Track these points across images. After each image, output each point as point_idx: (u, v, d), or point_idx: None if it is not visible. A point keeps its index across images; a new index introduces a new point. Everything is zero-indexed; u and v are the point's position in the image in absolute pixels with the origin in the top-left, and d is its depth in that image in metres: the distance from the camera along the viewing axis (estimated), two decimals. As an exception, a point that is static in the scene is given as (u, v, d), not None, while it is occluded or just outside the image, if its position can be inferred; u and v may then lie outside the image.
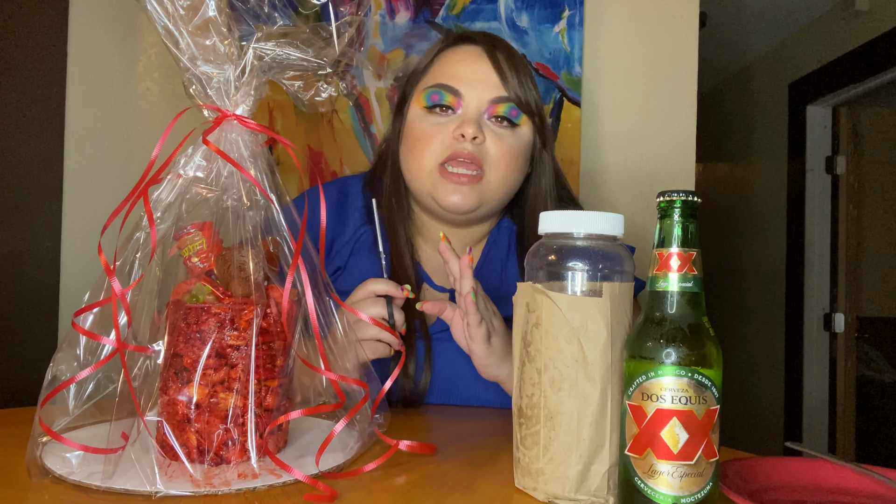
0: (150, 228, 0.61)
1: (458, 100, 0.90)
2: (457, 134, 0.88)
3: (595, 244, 0.58)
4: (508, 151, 0.91)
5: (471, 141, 0.88)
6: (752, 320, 3.36)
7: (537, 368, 0.57)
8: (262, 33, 0.65)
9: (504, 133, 0.91)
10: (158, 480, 0.55)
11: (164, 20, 0.61)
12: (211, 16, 0.62)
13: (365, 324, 0.78)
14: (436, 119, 0.91)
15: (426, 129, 0.90)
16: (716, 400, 0.51)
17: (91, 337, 0.59)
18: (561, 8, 1.55)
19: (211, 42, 0.62)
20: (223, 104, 0.65)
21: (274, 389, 0.63)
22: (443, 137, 0.89)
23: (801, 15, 2.85)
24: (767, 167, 3.26)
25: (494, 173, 0.90)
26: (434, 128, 0.90)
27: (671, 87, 1.57)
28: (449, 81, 0.91)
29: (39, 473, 0.57)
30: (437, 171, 0.89)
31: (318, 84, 0.69)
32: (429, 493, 0.57)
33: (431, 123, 0.90)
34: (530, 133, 0.95)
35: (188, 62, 0.63)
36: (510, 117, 0.91)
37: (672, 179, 1.55)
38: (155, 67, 1.56)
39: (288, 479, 0.57)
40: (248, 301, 0.62)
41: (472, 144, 0.88)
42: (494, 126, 0.91)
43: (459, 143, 0.88)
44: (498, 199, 0.94)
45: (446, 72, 0.92)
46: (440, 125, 0.90)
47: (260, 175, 0.65)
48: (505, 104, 0.90)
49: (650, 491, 0.51)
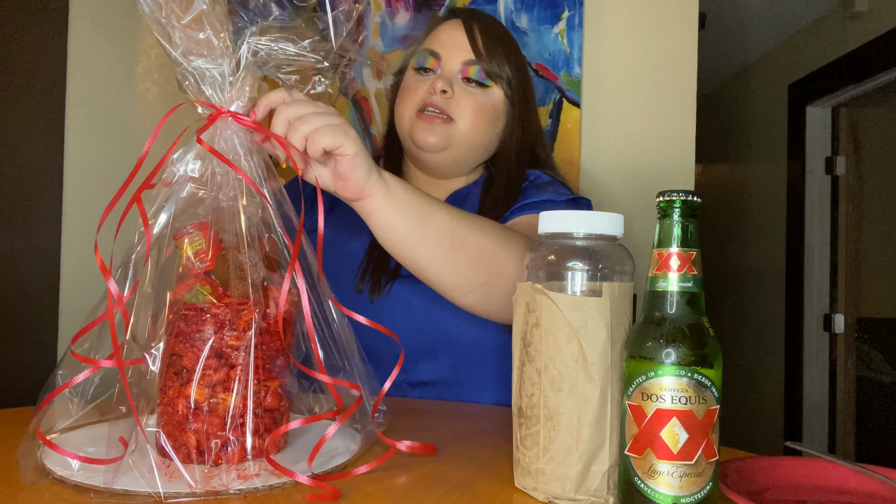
0: (145, 230, 0.60)
1: (438, 62, 1.07)
2: (431, 87, 1.04)
3: (595, 244, 0.58)
4: (476, 106, 1.05)
5: (440, 94, 1.03)
6: (752, 320, 3.36)
7: (537, 368, 0.57)
8: (257, 27, 0.64)
9: (474, 91, 1.06)
10: (158, 482, 0.55)
11: (156, 13, 0.61)
12: (204, 8, 0.61)
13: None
14: (420, 77, 1.08)
15: (411, 84, 1.08)
16: (716, 400, 0.51)
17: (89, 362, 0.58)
18: (560, 9, 1.55)
19: (205, 36, 0.62)
20: (217, 100, 0.64)
21: (274, 390, 0.63)
22: (422, 91, 1.05)
23: (800, 15, 2.85)
24: (767, 168, 3.27)
25: (462, 121, 1.04)
26: (417, 84, 1.07)
27: (671, 87, 1.57)
28: (432, 46, 1.08)
29: (39, 473, 0.57)
30: (415, 115, 1.05)
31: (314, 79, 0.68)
32: (429, 493, 0.57)
33: (417, 80, 1.07)
34: (502, 95, 1.08)
35: (181, 57, 0.62)
36: (479, 79, 1.05)
37: (672, 179, 1.55)
38: (155, 68, 1.56)
39: (288, 479, 0.57)
40: (248, 301, 0.62)
41: (442, 97, 1.03)
42: (465, 85, 1.06)
43: (432, 95, 1.04)
44: (467, 145, 1.06)
45: (433, 39, 1.09)
46: (422, 81, 1.07)
47: (255, 173, 0.65)
48: (474, 66, 1.05)
49: (650, 491, 0.51)
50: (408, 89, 1.08)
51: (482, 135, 1.07)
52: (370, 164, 0.71)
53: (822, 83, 2.81)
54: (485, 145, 1.08)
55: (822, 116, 2.91)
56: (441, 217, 0.76)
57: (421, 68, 1.07)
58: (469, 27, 1.06)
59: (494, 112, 1.07)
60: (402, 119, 1.08)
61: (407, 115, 1.06)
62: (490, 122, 1.07)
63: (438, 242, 0.76)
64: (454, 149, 1.05)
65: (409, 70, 1.11)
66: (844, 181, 2.87)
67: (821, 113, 2.91)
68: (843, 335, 2.83)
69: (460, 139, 1.04)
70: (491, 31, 1.08)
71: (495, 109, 1.07)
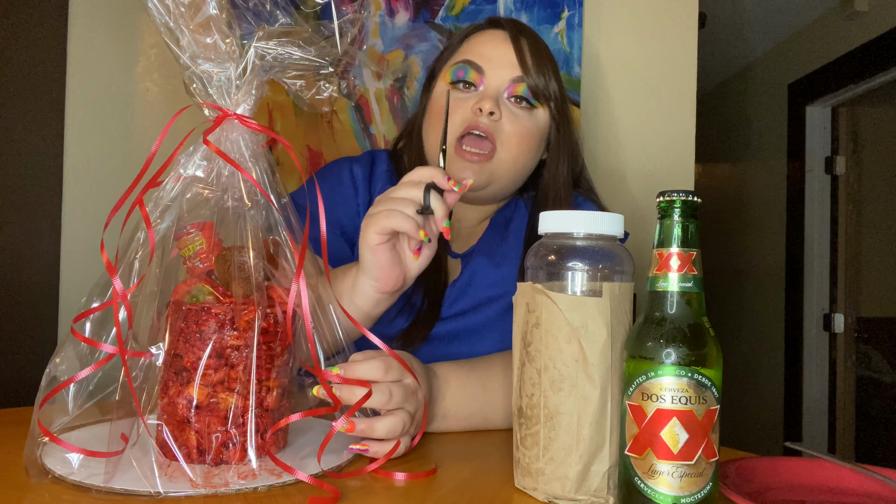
0: (148, 231, 0.60)
1: (481, 77, 0.95)
2: (475, 108, 0.92)
3: (595, 244, 0.58)
4: (522, 131, 0.94)
5: (487, 116, 0.91)
6: (752, 320, 3.36)
7: (537, 368, 0.57)
8: (263, 32, 0.64)
9: (521, 113, 0.95)
10: (158, 481, 0.55)
11: (164, 17, 0.61)
12: (212, 14, 0.61)
13: (396, 201, 0.73)
14: (458, 94, 0.95)
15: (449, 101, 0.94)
16: (716, 400, 0.51)
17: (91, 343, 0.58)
18: (560, 8, 1.55)
19: (212, 40, 0.62)
20: (224, 103, 0.65)
21: (274, 390, 0.63)
22: (462, 112, 0.93)
23: (800, 15, 2.85)
24: (767, 167, 3.27)
25: (506, 151, 0.93)
26: (456, 102, 0.94)
27: (671, 87, 1.57)
28: (474, 58, 0.96)
29: (39, 473, 0.57)
30: (454, 146, 0.92)
31: (319, 83, 0.69)
32: (429, 493, 0.58)
33: (455, 98, 0.94)
34: (547, 118, 0.98)
35: (189, 60, 0.63)
36: (528, 98, 0.95)
37: (672, 179, 1.56)
38: (155, 68, 1.56)
39: (288, 479, 0.57)
40: (249, 301, 0.62)
41: (489, 119, 0.92)
42: (512, 105, 0.95)
43: (477, 116, 0.92)
44: (508, 177, 0.96)
45: (472, 50, 0.97)
46: (462, 100, 0.94)
47: (261, 175, 0.65)
48: (522, 84, 0.94)
49: (650, 491, 0.51)
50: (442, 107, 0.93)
51: (524, 164, 0.97)
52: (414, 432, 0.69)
53: (821, 83, 2.81)
54: (525, 173, 1.00)
55: (822, 116, 2.92)
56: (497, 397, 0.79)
57: (460, 82, 0.95)
58: (516, 40, 0.96)
59: (539, 137, 0.98)
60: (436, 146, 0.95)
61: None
62: (534, 150, 0.98)
63: (498, 413, 0.80)
64: (493, 185, 0.96)
65: (440, 83, 0.99)
66: (844, 181, 2.87)
67: (821, 113, 2.92)
68: (843, 335, 2.83)
69: (502, 173, 0.95)
70: (538, 46, 0.97)
71: (540, 134, 0.98)
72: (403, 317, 0.95)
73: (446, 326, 0.96)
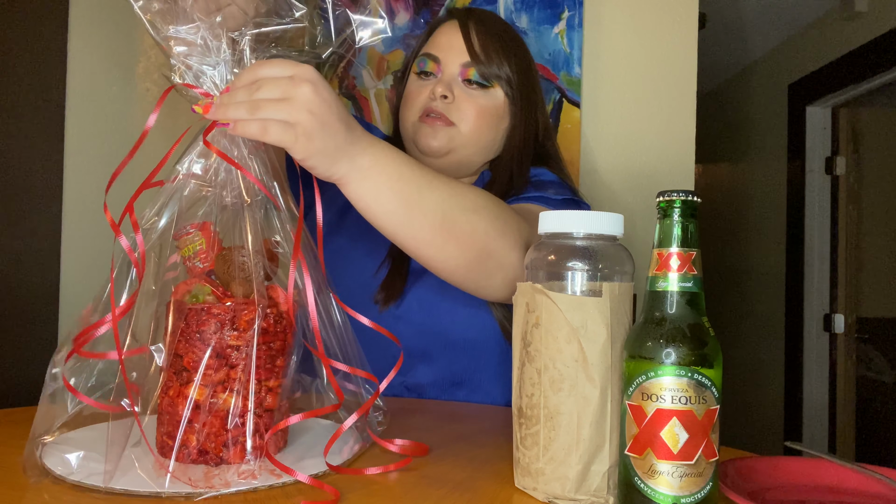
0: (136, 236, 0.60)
1: (438, 66, 1.07)
2: (430, 93, 1.05)
3: (595, 244, 0.58)
4: (478, 109, 1.05)
5: (441, 99, 1.04)
6: (752, 320, 3.36)
7: (537, 368, 0.57)
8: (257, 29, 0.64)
9: (475, 93, 1.06)
10: (158, 481, 0.55)
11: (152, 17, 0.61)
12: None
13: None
14: (422, 82, 1.08)
15: (414, 89, 1.09)
16: (716, 400, 0.51)
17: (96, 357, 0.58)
18: (560, 9, 1.55)
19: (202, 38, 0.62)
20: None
21: (274, 389, 0.63)
22: (423, 96, 1.06)
23: (800, 15, 2.85)
24: (767, 168, 3.27)
25: (465, 124, 1.05)
26: (419, 89, 1.08)
27: (671, 87, 1.57)
28: (431, 50, 1.08)
29: (39, 473, 0.57)
30: (418, 120, 1.06)
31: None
32: (429, 493, 0.57)
33: (419, 86, 1.08)
34: (503, 95, 1.07)
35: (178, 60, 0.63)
36: (479, 80, 1.05)
37: (672, 179, 1.55)
38: (155, 68, 1.56)
39: (288, 479, 0.57)
40: (249, 301, 0.62)
41: (442, 102, 1.04)
42: (466, 87, 1.06)
43: (433, 100, 1.04)
44: (471, 147, 1.06)
45: (433, 42, 1.09)
46: (424, 86, 1.07)
47: (259, 172, 0.65)
48: (473, 69, 1.05)
49: (650, 491, 0.51)
50: (411, 95, 1.09)
51: (485, 136, 1.07)
52: (333, 158, 0.64)
53: (822, 83, 2.81)
54: (489, 146, 1.09)
55: (822, 116, 2.91)
56: (430, 199, 0.69)
57: (422, 72, 1.08)
58: (465, 28, 1.06)
59: (497, 113, 1.07)
60: (405, 124, 1.09)
61: (410, 121, 1.07)
62: (493, 124, 1.07)
63: (425, 226, 0.70)
64: (458, 152, 1.05)
65: (411, 75, 1.11)
66: (844, 181, 2.87)
67: (821, 113, 2.91)
68: (843, 335, 2.83)
69: (463, 142, 1.05)
70: (490, 29, 1.07)
71: (497, 110, 1.07)
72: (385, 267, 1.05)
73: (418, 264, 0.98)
